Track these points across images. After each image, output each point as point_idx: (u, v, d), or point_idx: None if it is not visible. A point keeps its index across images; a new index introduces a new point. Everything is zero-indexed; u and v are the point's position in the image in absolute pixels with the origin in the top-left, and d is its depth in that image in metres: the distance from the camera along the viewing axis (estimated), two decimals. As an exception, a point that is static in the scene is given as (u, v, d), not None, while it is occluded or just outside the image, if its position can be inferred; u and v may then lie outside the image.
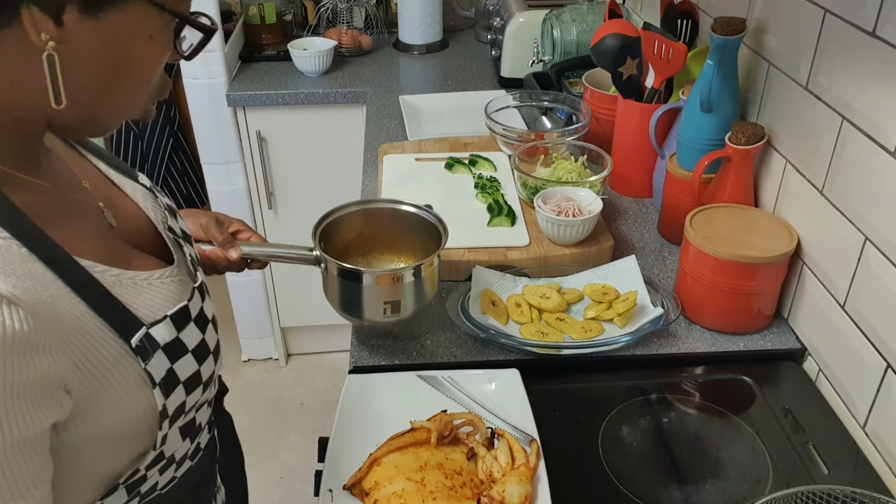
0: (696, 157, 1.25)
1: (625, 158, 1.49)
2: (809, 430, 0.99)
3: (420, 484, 0.86)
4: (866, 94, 0.96)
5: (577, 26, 1.84)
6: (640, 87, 1.45)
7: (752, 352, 1.12)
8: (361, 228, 1.15)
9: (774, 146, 1.21)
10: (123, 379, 0.61)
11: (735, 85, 1.23)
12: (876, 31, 0.92)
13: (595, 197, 1.28)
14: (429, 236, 1.11)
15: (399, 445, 0.91)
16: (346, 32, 2.32)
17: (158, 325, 0.64)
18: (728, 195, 1.21)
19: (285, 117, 2.11)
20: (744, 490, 0.90)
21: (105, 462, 0.65)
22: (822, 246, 1.08)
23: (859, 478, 0.93)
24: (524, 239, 1.28)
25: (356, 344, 1.13)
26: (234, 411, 1.12)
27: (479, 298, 1.16)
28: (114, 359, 0.60)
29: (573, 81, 1.83)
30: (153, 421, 0.65)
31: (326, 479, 0.88)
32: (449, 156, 1.56)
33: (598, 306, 1.14)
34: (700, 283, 1.12)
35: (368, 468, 0.89)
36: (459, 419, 0.94)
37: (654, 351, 1.11)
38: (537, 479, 0.86)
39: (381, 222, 1.16)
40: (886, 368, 0.94)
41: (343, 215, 1.13)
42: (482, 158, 1.54)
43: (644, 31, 1.39)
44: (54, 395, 0.56)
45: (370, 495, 0.86)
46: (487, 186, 1.43)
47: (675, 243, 1.35)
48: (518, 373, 1.01)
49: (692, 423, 1.02)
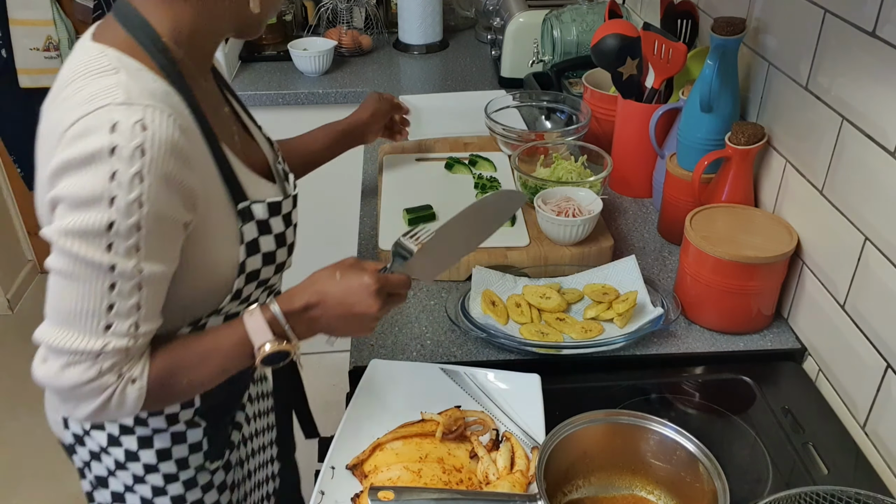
0: (696, 157, 1.25)
1: (625, 158, 1.49)
2: (809, 430, 0.99)
3: (416, 474, 0.87)
4: (866, 94, 0.96)
5: (577, 26, 1.84)
6: (640, 87, 1.45)
7: (752, 352, 1.12)
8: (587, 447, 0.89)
9: (774, 146, 1.21)
10: (224, 229, 0.84)
11: (735, 85, 1.23)
12: (876, 31, 0.92)
13: (595, 197, 1.28)
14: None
15: (405, 434, 0.92)
16: (346, 32, 2.32)
17: (258, 204, 0.86)
18: (728, 195, 1.21)
19: (285, 117, 2.11)
20: (744, 490, 0.90)
21: (194, 302, 0.86)
22: (821, 246, 1.08)
23: (859, 478, 0.93)
24: (524, 239, 1.29)
25: (356, 344, 1.13)
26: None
27: (479, 298, 1.16)
28: (222, 212, 0.83)
29: (573, 81, 1.83)
30: (233, 275, 0.86)
31: (332, 455, 0.90)
32: (449, 156, 1.56)
33: (598, 306, 1.14)
34: (700, 283, 1.12)
35: (371, 452, 0.90)
36: (471, 416, 0.95)
37: (654, 351, 1.11)
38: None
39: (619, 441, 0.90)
40: (886, 368, 0.94)
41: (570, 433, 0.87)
42: (482, 158, 1.54)
43: (644, 31, 1.39)
44: (186, 201, 0.77)
45: (368, 478, 0.88)
46: (487, 186, 1.43)
47: (675, 243, 1.35)
48: (539, 378, 1.01)
49: (692, 423, 1.02)
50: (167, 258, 0.77)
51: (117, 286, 0.74)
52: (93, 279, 0.73)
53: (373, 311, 0.86)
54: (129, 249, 0.73)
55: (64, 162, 0.71)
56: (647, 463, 0.88)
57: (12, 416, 2.46)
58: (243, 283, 0.87)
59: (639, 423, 0.87)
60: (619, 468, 0.89)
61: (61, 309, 0.75)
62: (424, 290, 1.24)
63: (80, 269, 0.73)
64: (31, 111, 3.03)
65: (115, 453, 0.93)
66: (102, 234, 0.72)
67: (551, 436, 0.84)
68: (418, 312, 1.19)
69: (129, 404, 0.78)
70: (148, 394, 0.79)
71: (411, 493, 0.80)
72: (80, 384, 0.75)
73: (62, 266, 0.73)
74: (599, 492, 0.90)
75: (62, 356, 0.75)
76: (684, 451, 0.84)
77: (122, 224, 0.72)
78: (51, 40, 2.52)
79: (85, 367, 0.75)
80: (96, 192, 0.71)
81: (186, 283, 0.82)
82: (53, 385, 0.77)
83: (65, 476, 2.24)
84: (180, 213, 0.76)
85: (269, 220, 0.88)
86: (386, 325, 1.16)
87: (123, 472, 0.94)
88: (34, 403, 2.49)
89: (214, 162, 0.82)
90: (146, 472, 0.94)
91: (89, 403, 0.77)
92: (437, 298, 1.22)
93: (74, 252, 0.72)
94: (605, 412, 0.88)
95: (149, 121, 0.72)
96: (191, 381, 0.83)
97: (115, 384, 0.77)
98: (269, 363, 0.86)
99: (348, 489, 0.87)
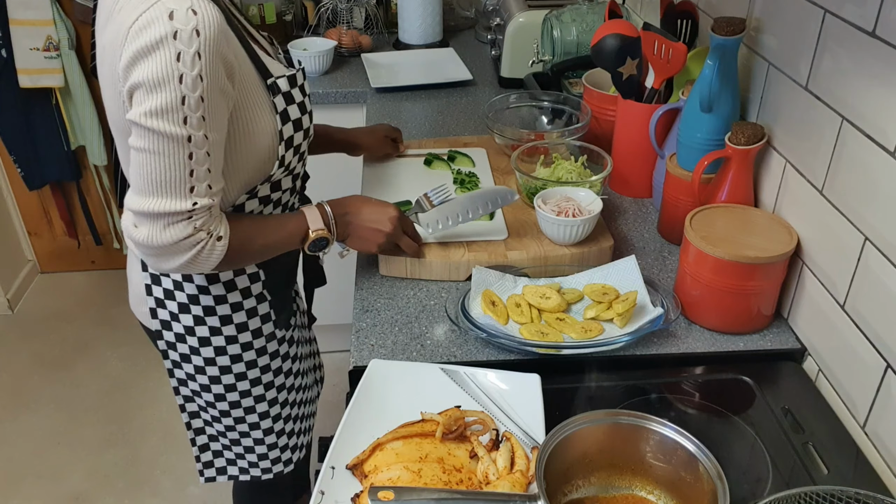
0: (695, 157, 1.25)
1: (625, 158, 1.49)
2: (809, 430, 0.99)
3: (416, 474, 0.87)
4: (866, 94, 0.96)
5: (577, 26, 1.84)
6: (640, 87, 1.45)
7: (752, 352, 1.13)
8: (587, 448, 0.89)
9: (774, 146, 1.21)
10: (260, 103, 1.01)
11: (735, 85, 1.23)
12: (876, 31, 0.92)
13: (595, 197, 1.28)
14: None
15: (405, 434, 0.92)
16: (346, 32, 2.32)
17: (281, 78, 1.04)
18: (728, 195, 1.21)
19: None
20: (744, 490, 0.90)
21: (248, 171, 1.04)
22: (821, 246, 1.08)
23: (859, 478, 0.93)
24: (503, 232, 1.30)
25: (356, 344, 1.13)
26: (234, 411, 1.13)
27: (479, 298, 1.16)
28: (256, 88, 1.01)
29: (573, 81, 1.83)
30: (274, 143, 1.04)
31: (331, 455, 0.90)
32: (428, 152, 1.56)
33: (598, 306, 1.14)
34: (700, 283, 1.12)
35: (371, 452, 0.90)
36: (471, 417, 0.95)
37: (654, 351, 1.11)
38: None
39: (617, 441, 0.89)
40: (886, 368, 0.94)
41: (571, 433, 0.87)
42: (461, 154, 1.55)
43: (644, 31, 1.39)
44: (230, 75, 0.93)
45: (368, 478, 0.88)
46: (466, 182, 1.45)
47: (675, 243, 1.35)
48: (539, 378, 1.01)
49: (692, 423, 1.02)
50: (222, 127, 0.96)
51: (194, 155, 0.92)
52: (175, 151, 0.90)
53: (387, 230, 1.17)
54: (199, 120, 0.90)
55: (134, 53, 0.86)
56: (647, 463, 0.88)
57: (12, 416, 2.46)
58: (284, 150, 1.06)
59: (639, 423, 0.87)
60: (619, 468, 0.89)
61: (151, 180, 0.92)
62: (424, 289, 1.24)
63: (164, 143, 0.90)
64: (31, 111, 3.06)
65: (200, 331, 1.17)
66: (178, 108, 0.88)
67: (551, 436, 0.84)
68: (418, 312, 1.19)
69: (214, 258, 1.00)
70: (229, 250, 1.01)
71: (411, 493, 0.80)
72: (179, 240, 0.95)
73: (148, 144, 0.90)
74: (599, 492, 0.89)
75: (160, 219, 0.94)
76: (684, 451, 0.84)
77: (191, 98, 0.88)
78: (51, 40, 2.52)
79: (182, 226, 0.95)
80: (167, 73, 0.86)
81: (241, 154, 1.02)
82: (154, 244, 0.95)
83: (65, 476, 2.25)
84: (227, 85, 0.93)
85: (291, 91, 1.06)
86: (386, 325, 1.16)
87: (206, 349, 1.18)
88: (34, 403, 2.50)
89: (241, 45, 0.99)
90: (227, 344, 1.18)
91: (182, 256, 0.97)
92: (437, 298, 1.22)
93: (158, 129, 0.88)
94: (605, 412, 0.88)
95: (197, 6, 0.87)
96: (260, 246, 1.08)
97: (205, 240, 0.98)
98: (313, 247, 1.13)
99: (348, 489, 0.87)
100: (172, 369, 1.23)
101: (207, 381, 1.22)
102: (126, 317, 2.90)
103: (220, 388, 1.22)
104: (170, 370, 1.23)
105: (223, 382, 1.22)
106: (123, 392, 2.55)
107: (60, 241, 3.07)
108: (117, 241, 3.07)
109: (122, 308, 2.95)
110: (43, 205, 2.97)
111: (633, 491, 0.89)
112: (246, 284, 1.16)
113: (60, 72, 2.57)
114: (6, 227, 2.96)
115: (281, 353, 1.26)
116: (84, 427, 2.41)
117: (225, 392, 1.23)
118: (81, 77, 2.63)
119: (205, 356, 1.19)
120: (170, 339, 1.19)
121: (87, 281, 3.12)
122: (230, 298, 1.15)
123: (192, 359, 1.20)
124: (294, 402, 1.33)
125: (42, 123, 2.69)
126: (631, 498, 0.89)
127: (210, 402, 1.25)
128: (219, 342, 1.18)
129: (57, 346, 2.76)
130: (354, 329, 1.16)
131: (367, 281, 1.27)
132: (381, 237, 1.17)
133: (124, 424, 2.42)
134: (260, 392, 1.25)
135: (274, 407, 1.29)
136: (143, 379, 2.60)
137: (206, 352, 1.18)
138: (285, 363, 1.27)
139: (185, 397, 1.27)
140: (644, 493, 0.89)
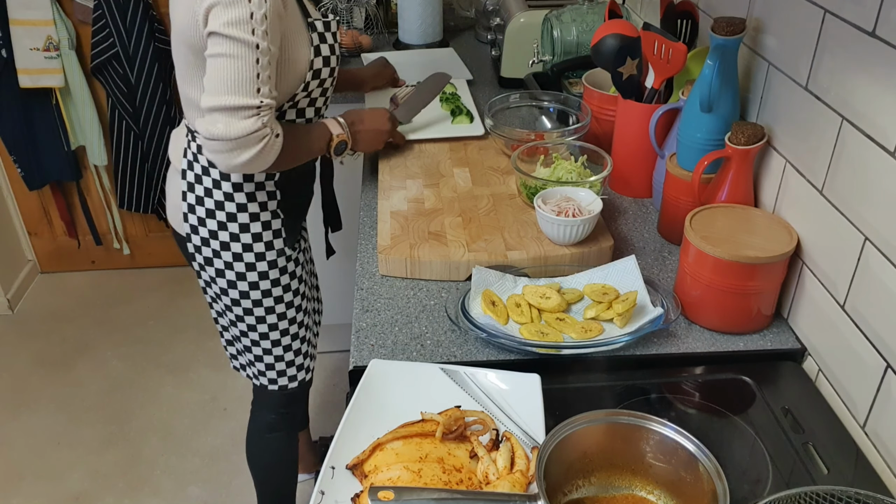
0: (695, 157, 1.25)
1: (625, 158, 1.49)
2: (809, 430, 0.99)
3: (416, 474, 0.87)
4: (866, 94, 0.96)
5: (577, 26, 1.84)
6: (640, 87, 1.45)
7: (752, 352, 1.13)
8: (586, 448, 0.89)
9: (774, 146, 1.21)
10: (301, 36, 1.25)
11: (735, 85, 1.23)
12: (876, 31, 0.93)
13: (595, 197, 1.28)
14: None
15: (405, 434, 0.92)
16: (346, 32, 2.32)
17: (318, 21, 1.29)
18: (728, 195, 1.21)
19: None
20: (744, 490, 0.90)
21: (281, 91, 1.26)
22: (821, 246, 1.08)
23: (859, 478, 0.93)
24: (480, 130, 1.67)
25: (356, 344, 1.13)
26: (236, 412, 1.13)
27: (479, 298, 1.16)
28: (299, 23, 1.25)
29: (573, 81, 1.83)
30: (305, 70, 1.28)
31: (332, 455, 0.90)
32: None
33: (597, 306, 1.14)
34: (700, 283, 1.12)
35: (371, 452, 0.90)
36: (471, 417, 0.95)
37: (654, 351, 1.11)
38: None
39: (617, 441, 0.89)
40: (886, 368, 0.94)
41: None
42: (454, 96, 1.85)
43: (644, 31, 1.39)
44: (284, 4, 1.18)
45: (368, 478, 0.88)
46: (450, 99, 1.81)
47: (675, 243, 1.35)
48: (539, 378, 1.01)
49: (692, 423, 1.02)
50: (277, 44, 1.17)
51: (260, 60, 1.13)
52: (246, 54, 1.12)
53: (387, 128, 1.50)
54: (263, 33, 1.12)
55: None
56: (647, 463, 0.88)
57: (12, 416, 2.46)
58: (310, 77, 1.29)
59: (639, 423, 0.87)
60: (619, 468, 0.89)
61: (227, 79, 1.12)
62: (424, 289, 1.24)
63: (237, 48, 1.11)
64: (32, 111, 3.06)
65: (222, 236, 1.38)
66: (248, 21, 1.10)
67: (551, 436, 0.84)
68: (418, 312, 1.19)
69: (273, 153, 1.20)
70: (283, 148, 1.23)
71: (411, 493, 0.80)
72: (250, 133, 1.15)
73: (224, 49, 1.12)
74: (599, 492, 0.89)
75: (235, 112, 1.13)
76: (684, 451, 0.84)
77: (258, 14, 1.11)
78: (51, 40, 2.52)
79: (253, 121, 1.14)
80: None
81: (281, 74, 1.23)
82: (230, 136, 1.13)
83: (65, 476, 2.25)
84: (283, 11, 1.17)
85: (325, 33, 1.29)
86: (386, 325, 1.16)
87: (226, 253, 1.40)
88: (34, 403, 2.50)
89: None
90: (244, 251, 1.40)
91: (251, 150, 1.16)
92: (437, 298, 1.22)
93: (233, 36, 1.10)
94: (605, 412, 0.88)
95: None
96: (295, 148, 1.29)
97: (269, 135, 1.18)
98: (337, 150, 1.40)
99: (348, 489, 0.87)
100: (199, 271, 1.46)
101: (226, 285, 1.44)
102: (126, 317, 2.91)
103: (235, 293, 1.45)
104: (197, 272, 1.47)
105: (238, 289, 1.44)
106: (123, 392, 2.55)
107: (60, 241, 3.07)
108: (117, 241, 3.07)
109: (123, 308, 2.96)
110: (43, 205, 2.97)
111: (633, 491, 0.89)
112: (264, 199, 1.38)
113: (60, 72, 2.57)
114: (6, 227, 2.96)
115: (289, 271, 1.47)
116: (84, 427, 2.42)
117: (240, 298, 1.45)
118: (81, 77, 2.63)
119: (224, 259, 1.41)
120: (196, 243, 1.41)
121: (87, 281, 3.12)
122: (250, 208, 1.37)
123: (214, 262, 1.42)
124: (302, 322, 1.55)
125: (42, 123, 2.69)
126: (631, 498, 0.89)
127: (228, 305, 1.48)
128: (237, 248, 1.40)
129: (57, 346, 2.76)
130: (354, 329, 1.16)
131: (367, 281, 1.27)
132: (384, 135, 1.49)
133: (124, 424, 2.42)
134: (270, 304, 1.47)
135: (283, 321, 1.50)
136: (143, 379, 2.60)
137: (225, 256, 1.40)
138: (293, 281, 1.49)
139: (211, 297, 1.51)
140: (644, 493, 0.89)
